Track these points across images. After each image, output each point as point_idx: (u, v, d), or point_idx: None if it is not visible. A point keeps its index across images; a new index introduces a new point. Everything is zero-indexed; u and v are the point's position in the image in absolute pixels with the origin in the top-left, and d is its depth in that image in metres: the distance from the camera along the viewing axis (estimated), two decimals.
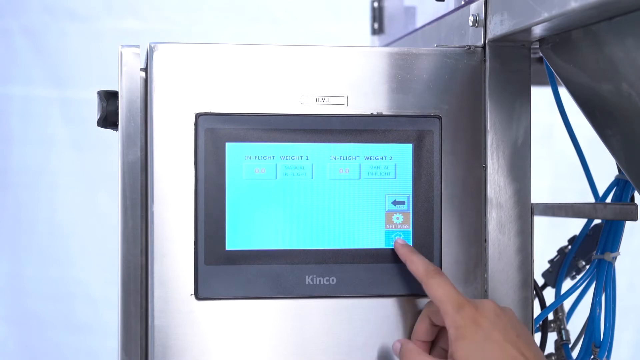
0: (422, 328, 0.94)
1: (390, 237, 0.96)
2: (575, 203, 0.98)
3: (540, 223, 1.03)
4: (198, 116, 0.94)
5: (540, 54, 0.98)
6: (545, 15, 0.83)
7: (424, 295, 0.97)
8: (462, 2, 1.02)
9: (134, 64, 0.95)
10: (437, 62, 0.97)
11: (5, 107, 2.61)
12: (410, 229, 0.97)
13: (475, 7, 0.98)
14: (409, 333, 0.96)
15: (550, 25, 0.87)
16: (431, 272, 0.92)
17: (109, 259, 1.67)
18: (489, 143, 0.98)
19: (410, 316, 0.97)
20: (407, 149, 0.97)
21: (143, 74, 0.95)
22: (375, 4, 1.57)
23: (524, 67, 0.99)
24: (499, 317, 0.89)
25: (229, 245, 0.94)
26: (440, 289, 0.90)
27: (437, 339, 0.95)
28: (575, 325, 1.13)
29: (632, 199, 1.07)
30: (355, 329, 0.96)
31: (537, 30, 0.90)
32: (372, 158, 0.96)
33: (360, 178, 0.96)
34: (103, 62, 2.25)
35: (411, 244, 0.97)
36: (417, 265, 0.93)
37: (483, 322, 0.88)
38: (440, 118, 0.97)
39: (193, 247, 0.94)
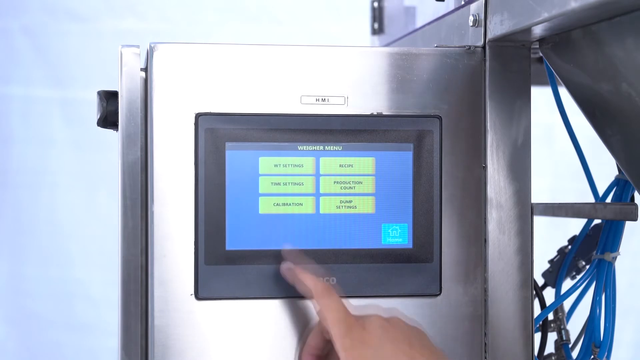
0: (314, 343, 0.94)
1: (391, 238, 0.96)
2: (575, 203, 0.98)
3: (540, 223, 1.03)
4: (198, 116, 0.94)
5: (540, 54, 0.98)
6: (545, 15, 0.83)
7: (423, 295, 0.97)
8: (462, 2, 1.02)
9: (134, 64, 0.95)
10: (437, 62, 0.97)
11: (5, 107, 2.61)
12: (410, 229, 0.97)
13: (475, 7, 0.98)
14: None
15: (550, 25, 0.87)
16: (320, 292, 0.91)
17: (109, 259, 1.67)
18: (489, 143, 0.98)
19: (409, 316, 0.96)
20: (407, 149, 0.97)
21: (143, 74, 0.95)
22: (375, 4, 1.57)
23: (524, 67, 0.99)
24: (387, 331, 0.88)
25: (229, 245, 0.94)
26: (330, 313, 0.90)
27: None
28: (575, 325, 1.13)
29: (632, 199, 1.07)
30: None
31: (537, 30, 0.90)
32: (372, 158, 0.96)
33: (360, 177, 0.96)
34: (103, 62, 2.24)
35: (411, 245, 0.97)
36: (305, 286, 0.92)
37: (371, 340, 0.87)
38: (440, 118, 0.97)
39: (193, 247, 0.94)
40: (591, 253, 1.11)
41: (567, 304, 1.12)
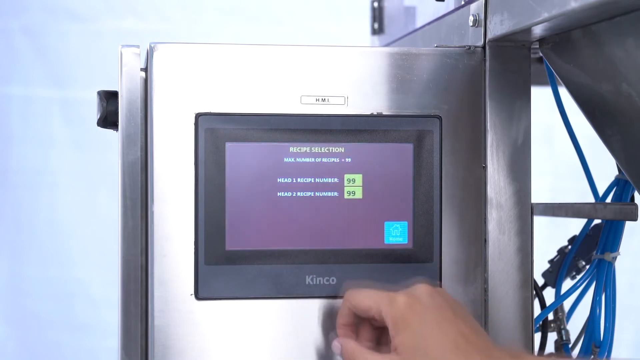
0: (344, 318, 0.93)
1: (392, 237, 0.96)
2: (575, 203, 0.98)
3: (540, 223, 1.03)
4: (198, 116, 0.94)
5: (540, 54, 0.98)
6: (545, 15, 0.83)
7: None
8: (462, 2, 1.02)
9: (134, 64, 0.95)
10: (437, 62, 0.97)
11: (5, 107, 2.61)
12: (411, 229, 0.97)
13: (475, 7, 0.98)
14: None
15: (550, 25, 0.87)
16: (347, 297, 0.92)
17: (109, 259, 1.67)
18: (489, 143, 0.98)
19: None
20: (407, 149, 0.97)
21: (143, 74, 0.95)
22: (375, 4, 1.57)
23: (524, 67, 0.99)
24: (433, 298, 0.88)
25: (229, 245, 0.94)
26: (366, 300, 0.90)
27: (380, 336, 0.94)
28: (575, 325, 1.13)
29: (632, 199, 1.07)
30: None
31: (537, 30, 0.90)
32: (372, 158, 0.96)
33: (360, 177, 0.96)
34: (103, 62, 2.24)
35: (411, 245, 0.96)
36: (339, 315, 0.93)
37: (418, 307, 0.87)
38: (440, 118, 0.97)
39: (193, 247, 0.94)
40: (591, 253, 1.11)
41: (567, 304, 1.12)
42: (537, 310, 1.04)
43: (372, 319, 0.92)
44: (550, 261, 1.14)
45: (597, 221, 1.11)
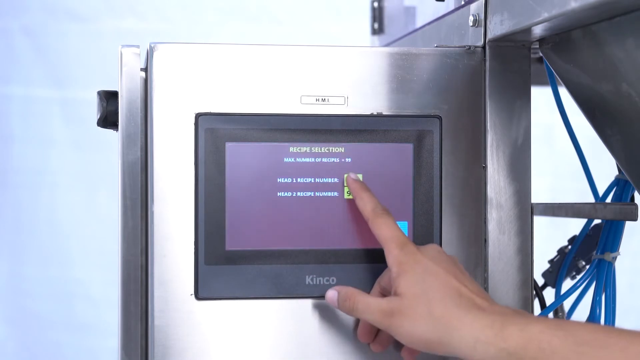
0: (373, 293, 0.94)
1: None
2: (575, 203, 0.99)
3: (540, 223, 1.03)
4: (198, 116, 0.94)
5: (540, 54, 0.98)
6: (545, 15, 0.83)
7: None
8: (462, 2, 1.02)
9: (134, 64, 0.95)
10: (437, 62, 0.97)
11: (5, 107, 2.61)
12: (411, 229, 0.97)
13: (475, 7, 0.98)
14: None
15: (550, 25, 0.88)
16: (379, 211, 0.92)
17: (109, 259, 1.67)
18: (489, 143, 0.98)
19: None
20: (407, 149, 0.97)
21: (143, 74, 0.95)
22: (375, 4, 1.57)
23: (524, 67, 0.99)
24: (441, 254, 0.90)
25: (229, 245, 0.94)
26: (387, 229, 0.91)
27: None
28: None
29: (632, 199, 1.07)
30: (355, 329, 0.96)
31: (537, 30, 0.90)
32: (372, 158, 0.96)
33: (360, 177, 0.96)
34: (103, 62, 2.25)
35: None
36: (365, 202, 0.93)
37: (423, 259, 0.89)
38: (440, 118, 0.97)
39: (193, 247, 0.94)
40: (591, 253, 1.11)
41: (567, 304, 1.12)
42: (537, 310, 1.04)
43: (380, 282, 0.94)
44: (550, 261, 1.14)
45: (597, 221, 1.11)
